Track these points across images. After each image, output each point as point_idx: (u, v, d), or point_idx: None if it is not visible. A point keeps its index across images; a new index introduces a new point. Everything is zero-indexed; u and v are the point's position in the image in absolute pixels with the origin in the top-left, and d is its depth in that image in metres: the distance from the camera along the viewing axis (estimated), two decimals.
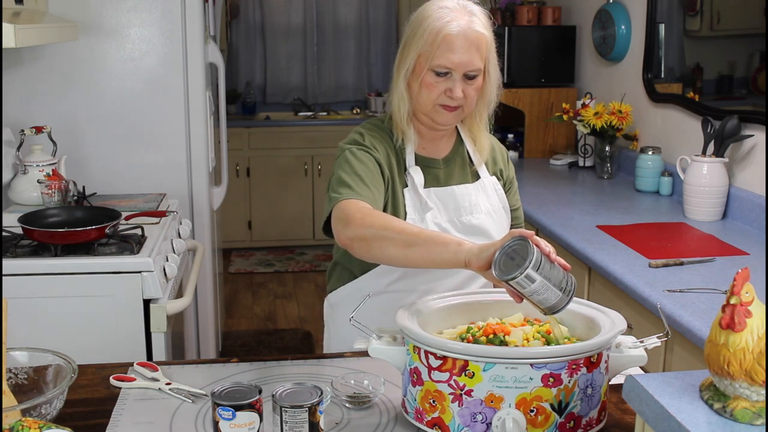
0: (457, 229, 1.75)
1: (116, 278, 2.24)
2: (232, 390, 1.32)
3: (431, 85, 1.68)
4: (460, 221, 1.77)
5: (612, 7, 3.61)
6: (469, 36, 1.66)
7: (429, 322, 1.41)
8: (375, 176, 1.68)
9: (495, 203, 1.83)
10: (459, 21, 1.66)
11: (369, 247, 1.51)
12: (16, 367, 1.45)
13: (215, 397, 1.30)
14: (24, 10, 2.52)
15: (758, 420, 1.04)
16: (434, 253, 1.42)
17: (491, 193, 1.84)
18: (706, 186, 2.72)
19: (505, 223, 1.85)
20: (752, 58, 2.75)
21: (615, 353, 1.35)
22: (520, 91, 4.00)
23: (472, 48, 1.66)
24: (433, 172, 1.80)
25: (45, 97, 3.11)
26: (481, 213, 1.79)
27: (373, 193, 1.64)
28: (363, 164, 1.68)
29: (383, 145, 1.76)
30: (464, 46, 1.66)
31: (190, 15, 3.15)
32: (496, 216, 1.82)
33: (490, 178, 1.85)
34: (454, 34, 1.65)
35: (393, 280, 1.76)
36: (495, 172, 1.88)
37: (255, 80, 6.21)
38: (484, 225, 1.78)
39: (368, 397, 1.48)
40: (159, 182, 3.19)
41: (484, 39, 1.68)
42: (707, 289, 2.04)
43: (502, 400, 1.24)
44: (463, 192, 1.79)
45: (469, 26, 1.67)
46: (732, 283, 1.05)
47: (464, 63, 1.66)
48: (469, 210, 1.78)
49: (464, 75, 1.67)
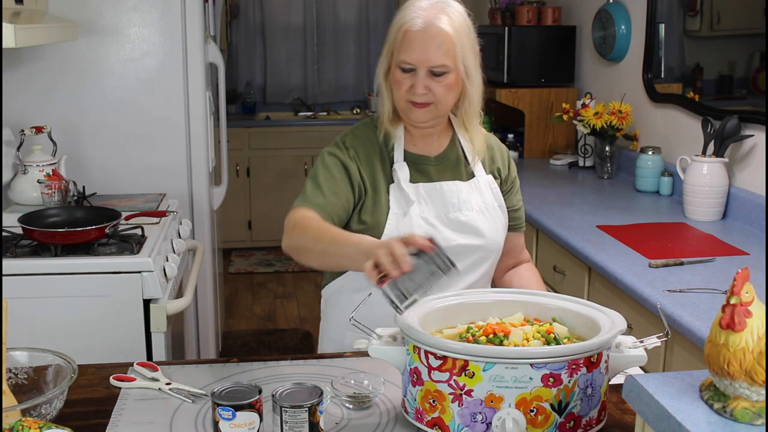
0: (445, 225, 1.76)
1: (116, 278, 2.24)
2: (232, 390, 1.32)
3: (399, 81, 1.71)
4: (448, 217, 1.77)
5: (612, 7, 3.61)
6: (431, 32, 1.66)
7: (429, 322, 1.41)
8: (336, 183, 1.73)
9: (489, 202, 1.83)
10: (424, 18, 1.67)
11: (299, 257, 1.63)
12: (16, 367, 1.45)
13: (215, 397, 1.30)
14: (24, 10, 2.52)
15: (758, 420, 1.04)
16: (340, 256, 1.52)
17: (485, 191, 1.83)
18: (706, 186, 2.72)
19: (500, 222, 1.84)
20: (752, 58, 2.75)
21: (615, 353, 1.35)
22: (520, 91, 4.00)
23: (434, 45, 1.66)
24: (423, 169, 1.80)
25: (45, 97, 3.11)
26: (472, 210, 1.79)
27: (327, 201, 1.69)
28: (327, 171, 1.74)
29: (367, 145, 1.79)
30: (425, 42, 1.66)
31: (190, 15, 3.15)
32: (488, 214, 1.81)
33: (485, 176, 1.85)
34: (414, 31, 1.67)
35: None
36: (492, 171, 1.88)
37: (255, 80, 6.21)
38: (473, 222, 1.78)
39: (368, 397, 1.48)
40: (159, 182, 3.19)
41: (448, 36, 1.66)
42: (707, 289, 2.04)
43: (502, 400, 1.24)
44: (452, 189, 1.79)
45: (433, 23, 1.66)
46: (732, 283, 1.05)
47: (425, 59, 1.66)
48: (457, 207, 1.78)
49: (430, 72, 1.67)
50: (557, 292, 1.92)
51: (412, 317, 1.37)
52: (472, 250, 1.79)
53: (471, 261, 1.79)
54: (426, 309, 1.44)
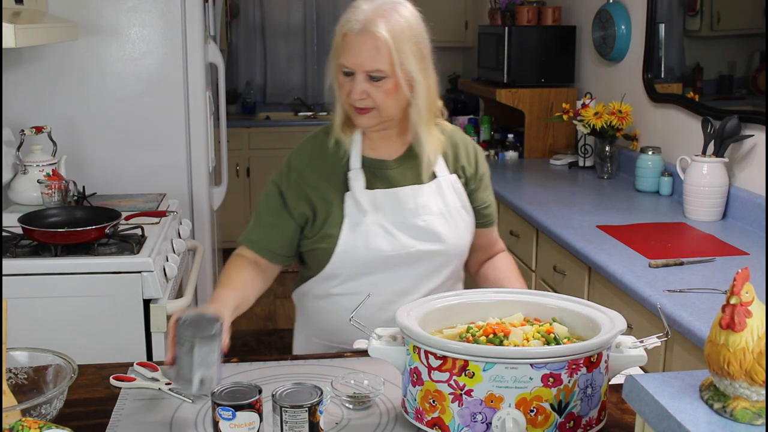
0: (402, 232, 1.73)
1: (116, 278, 2.24)
2: (232, 390, 1.32)
3: (341, 84, 1.68)
4: (406, 224, 1.73)
5: (612, 7, 3.61)
6: (366, 37, 1.61)
7: (429, 322, 1.41)
8: (274, 215, 1.75)
9: (451, 203, 1.78)
10: (363, 22, 1.62)
11: None
12: (16, 367, 1.45)
13: (215, 397, 1.30)
14: (24, 10, 2.52)
15: (758, 420, 1.04)
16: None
17: (448, 192, 1.78)
18: (706, 186, 2.72)
19: (463, 224, 1.79)
20: (752, 58, 2.75)
21: (615, 353, 1.35)
22: (520, 91, 4.00)
23: (371, 49, 1.61)
24: (382, 174, 1.76)
25: (45, 97, 3.11)
26: (431, 215, 1.75)
27: (263, 235, 1.77)
28: (266, 203, 1.78)
29: (313, 160, 1.77)
30: (360, 46, 1.62)
31: (190, 15, 3.15)
32: (450, 217, 1.77)
33: (448, 176, 1.79)
34: (351, 34, 1.63)
35: (335, 285, 1.77)
36: (456, 169, 1.82)
37: (255, 80, 6.21)
38: (432, 227, 1.74)
39: (368, 397, 1.48)
40: (159, 182, 3.19)
41: (384, 42, 1.61)
42: (707, 289, 2.04)
43: (502, 400, 1.24)
44: (407, 194, 1.74)
45: (369, 28, 1.61)
46: (732, 283, 1.05)
47: (360, 63, 1.62)
48: (414, 212, 1.74)
49: (369, 76, 1.63)
50: (557, 292, 1.92)
51: (412, 317, 1.37)
52: (432, 256, 1.75)
53: (432, 266, 1.76)
54: (426, 309, 1.44)
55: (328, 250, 1.73)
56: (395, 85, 1.65)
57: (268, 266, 1.78)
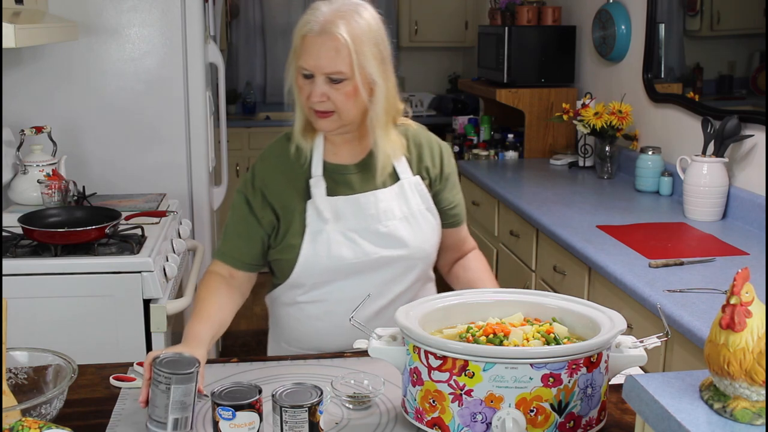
0: (365, 238, 1.71)
1: (116, 278, 2.24)
2: (232, 390, 1.32)
3: (300, 87, 1.65)
4: (368, 230, 1.71)
5: (612, 7, 3.61)
6: (326, 38, 1.59)
7: (429, 322, 1.41)
8: (243, 225, 1.73)
9: (415, 206, 1.75)
10: (322, 23, 1.60)
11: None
12: (16, 367, 1.45)
13: (215, 397, 1.30)
14: (24, 10, 2.52)
15: (758, 420, 1.04)
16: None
17: (411, 195, 1.75)
18: (706, 186, 2.72)
19: (427, 227, 1.76)
20: (752, 58, 2.75)
21: (615, 353, 1.35)
22: (520, 91, 4.00)
23: (330, 50, 1.59)
24: (344, 179, 1.73)
25: (45, 97, 3.11)
26: (393, 219, 1.72)
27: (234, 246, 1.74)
28: (234, 213, 1.76)
29: (276, 168, 1.74)
30: (320, 47, 1.59)
31: (190, 15, 3.15)
32: (413, 220, 1.74)
33: (411, 178, 1.76)
34: (311, 35, 1.61)
35: (301, 293, 1.76)
36: (419, 170, 1.78)
37: (255, 80, 6.20)
38: (395, 232, 1.72)
39: (368, 397, 1.48)
40: (159, 182, 3.19)
41: (344, 43, 1.59)
42: (707, 289, 2.04)
43: (502, 400, 1.24)
44: (369, 200, 1.71)
45: (330, 28, 1.59)
46: (732, 283, 1.05)
47: (320, 65, 1.60)
48: (376, 218, 1.71)
49: (329, 79, 1.61)
50: (557, 292, 1.92)
51: (412, 317, 1.37)
52: (396, 261, 1.73)
53: (397, 271, 1.74)
54: (426, 309, 1.44)
55: (290, 260, 1.71)
56: (355, 88, 1.62)
57: (243, 278, 1.76)
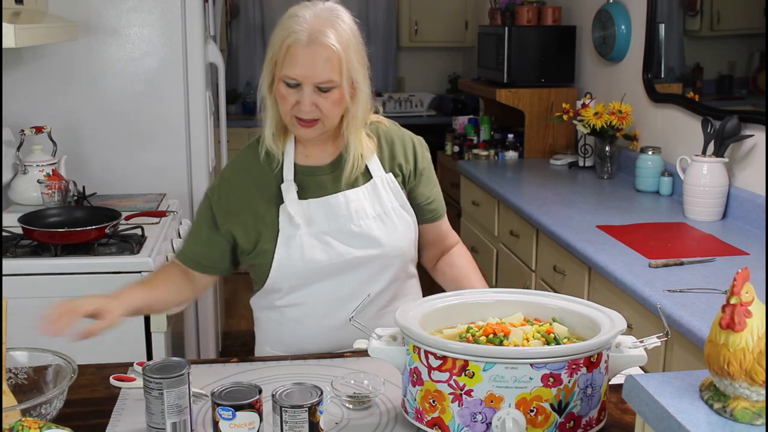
0: (338, 240, 1.69)
1: (116, 278, 2.24)
2: (232, 390, 1.32)
3: (284, 96, 1.63)
4: (341, 231, 1.70)
5: (612, 7, 3.61)
6: (317, 48, 1.57)
7: (429, 322, 1.41)
8: (203, 230, 1.75)
9: (388, 205, 1.73)
10: (309, 32, 1.58)
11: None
12: (16, 367, 1.45)
13: (215, 397, 1.30)
14: (24, 10, 2.52)
15: (758, 420, 1.04)
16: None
17: (384, 193, 1.73)
18: (706, 186, 2.72)
19: (402, 224, 1.75)
20: (752, 58, 2.75)
21: (615, 353, 1.35)
22: (520, 91, 4.00)
23: (320, 61, 1.57)
24: (317, 181, 1.72)
25: (45, 97, 3.11)
26: (366, 219, 1.71)
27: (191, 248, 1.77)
28: (198, 216, 1.79)
29: (246, 173, 1.74)
30: (311, 58, 1.57)
31: (190, 15, 3.15)
32: (387, 219, 1.73)
33: (383, 176, 1.74)
34: (299, 46, 1.58)
35: (278, 297, 1.76)
36: (392, 168, 1.77)
37: (255, 80, 6.20)
38: (368, 232, 1.70)
39: (368, 397, 1.48)
40: (159, 182, 3.19)
41: (334, 52, 1.58)
42: (707, 289, 2.04)
43: (502, 400, 1.24)
44: (340, 201, 1.70)
45: (318, 39, 1.57)
46: (732, 283, 1.05)
47: (310, 75, 1.58)
48: (348, 218, 1.69)
49: (317, 87, 1.59)
50: (557, 292, 1.92)
51: (412, 317, 1.37)
52: (370, 260, 1.72)
53: (372, 270, 1.73)
54: (426, 309, 1.44)
55: (265, 265, 1.71)
56: (341, 94, 1.62)
57: (200, 276, 1.77)
